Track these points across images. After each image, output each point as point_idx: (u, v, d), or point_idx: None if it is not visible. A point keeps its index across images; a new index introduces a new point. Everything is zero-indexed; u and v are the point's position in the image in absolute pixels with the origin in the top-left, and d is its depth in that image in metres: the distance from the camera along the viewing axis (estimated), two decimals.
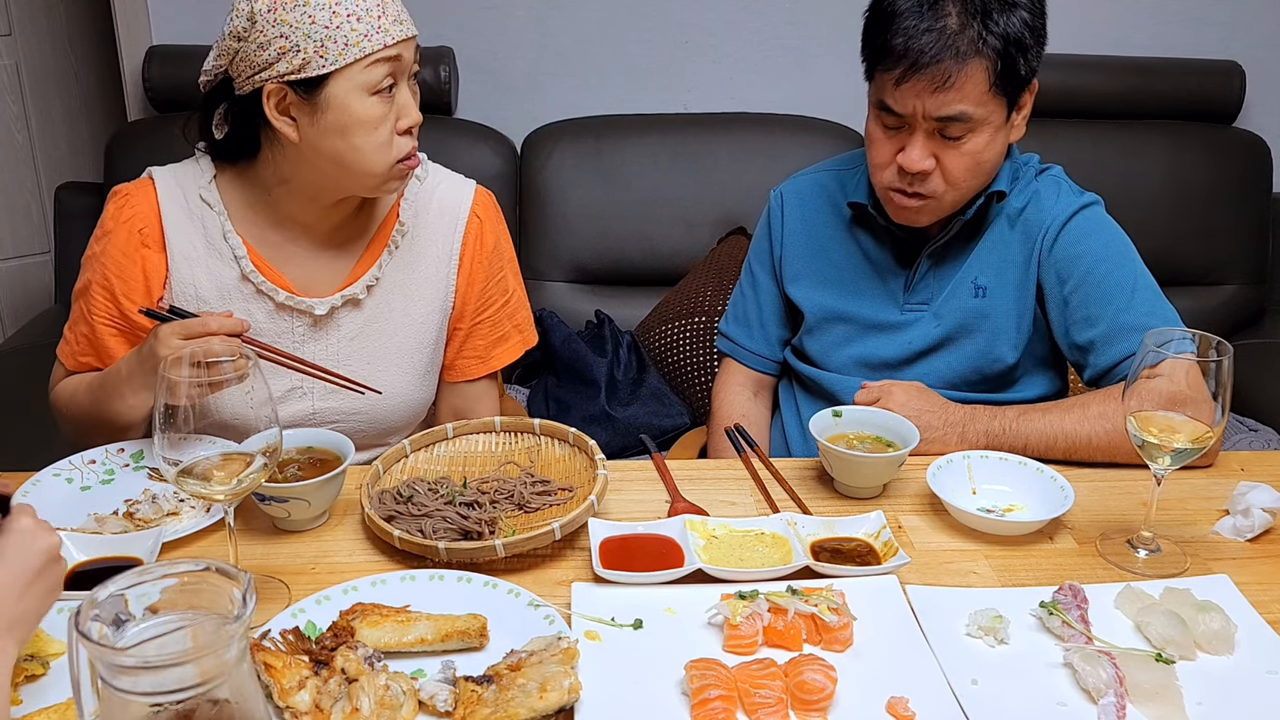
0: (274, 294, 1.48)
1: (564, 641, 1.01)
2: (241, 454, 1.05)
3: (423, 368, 1.58)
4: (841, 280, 1.68)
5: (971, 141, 1.47)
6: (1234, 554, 1.29)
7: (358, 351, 1.53)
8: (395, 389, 1.55)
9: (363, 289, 1.51)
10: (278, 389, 1.50)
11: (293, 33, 1.31)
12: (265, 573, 1.21)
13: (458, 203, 1.58)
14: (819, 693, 1.00)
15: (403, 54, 1.37)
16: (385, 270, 1.53)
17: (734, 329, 1.84)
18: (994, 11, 1.42)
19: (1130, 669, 1.03)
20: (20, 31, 3.14)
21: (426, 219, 1.56)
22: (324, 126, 1.35)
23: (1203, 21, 2.87)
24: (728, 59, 2.84)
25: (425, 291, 1.56)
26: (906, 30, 1.42)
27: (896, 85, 1.45)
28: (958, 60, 1.41)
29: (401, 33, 1.36)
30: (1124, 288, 1.53)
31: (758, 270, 1.80)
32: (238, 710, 0.72)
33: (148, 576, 0.74)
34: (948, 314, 1.62)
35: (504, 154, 2.68)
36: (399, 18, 1.36)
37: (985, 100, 1.45)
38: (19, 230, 3.25)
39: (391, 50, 1.35)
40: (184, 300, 1.48)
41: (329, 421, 1.53)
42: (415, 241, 1.55)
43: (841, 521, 1.29)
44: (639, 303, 2.63)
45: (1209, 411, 1.18)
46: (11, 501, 0.98)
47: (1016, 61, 1.44)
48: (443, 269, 1.57)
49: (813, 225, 1.71)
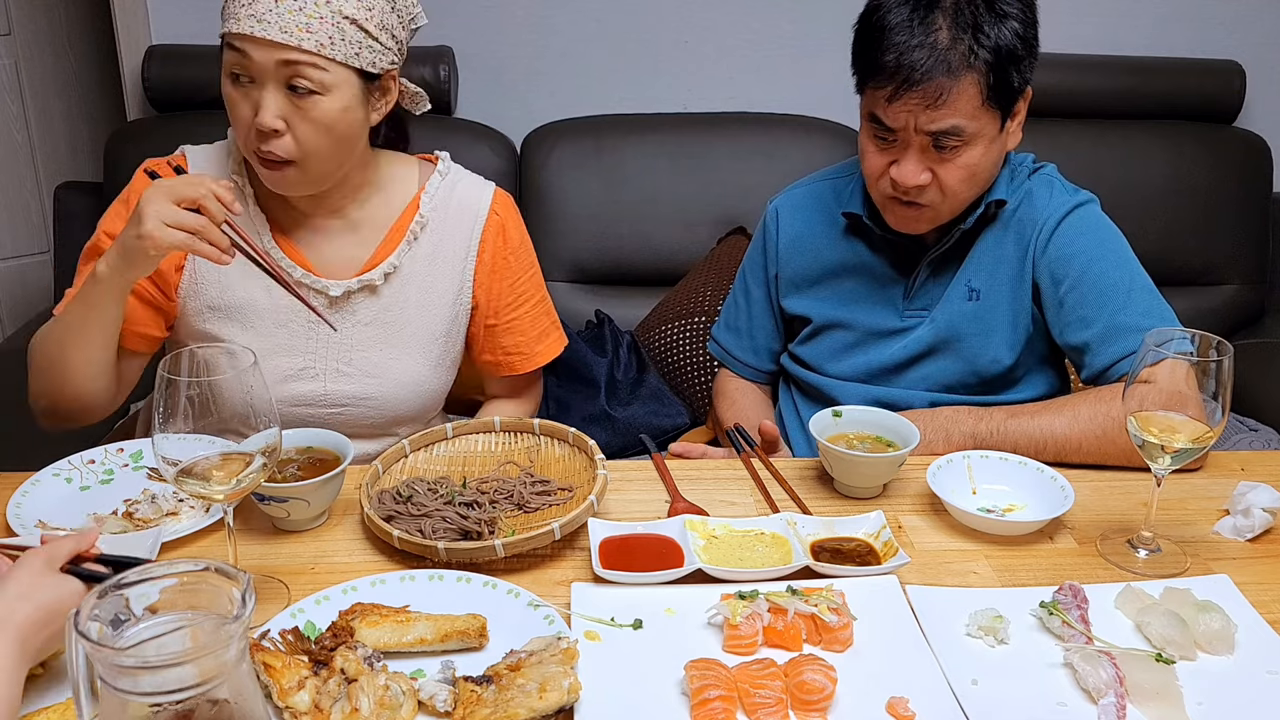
0: (292, 270, 1.50)
1: (564, 641, 1.01)
2: (241, 454, 1.05)
3: (434, 359, 1.60)
4: (840, 289, 1.68)
5: (966, 154, 1.47)
6: (1234, 554, 1.29)
7: (371, 337, 1.55)
8: (405, 377, 1.57)
9: (380, 276, 1.53)
10: (290, 367, 1.53)
11: None
12: (265, 573, 1.21)
13: (478, 200, 1.61)
14: (819, 693, 1.00)
15: (251, 54, 1.35)
16: (404, 260, 1.55)
17: (725, 336, 1.86)
18: (985, 24, 1.41)
19: (1130, 669, 1.03)
20: (20, 31, 3.14)
21: (446, 213, 1.58)
22: None
23: (1203, 21, 2.87)
24: (728, 59, 2.84)
25: (441, 284, 1.58)
26: (898, 46, 1.41)
27: (889, 102, 1.44)
28: (950, 76, 1.40)
29: (249, 28, 1.34)
30: (1120, 287, 1.53)
31: (751, 283, 1.80)
32: (237, 710, 0.72)
33: (147, 576, 0.74)
34: (942, 318, 1.62)
35: (504, 154, 2.67)
36: (261, 16, 1.34)
37: (978, 114, 1.44)
38: (18, 230, 3.25)
39: (239, 43, 1.36)
40: (204, 275, 1.50)
41: (339, 405, 1.54)
42: (434, 234, 1.57)
43: (841, 521, 1.29)
44: (639, 303, 2.63)
45: (1209, 411, 1.18)
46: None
47: (1009, 73, 1.44)
48: (459, 264, 1.59)
49: (810, 236, 1.71)
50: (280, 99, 1.38)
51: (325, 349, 1.53)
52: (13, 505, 1.30)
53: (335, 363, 1.53)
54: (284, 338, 1.52)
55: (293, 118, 1.38)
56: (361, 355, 1.54)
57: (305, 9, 1.35)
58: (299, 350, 1.52)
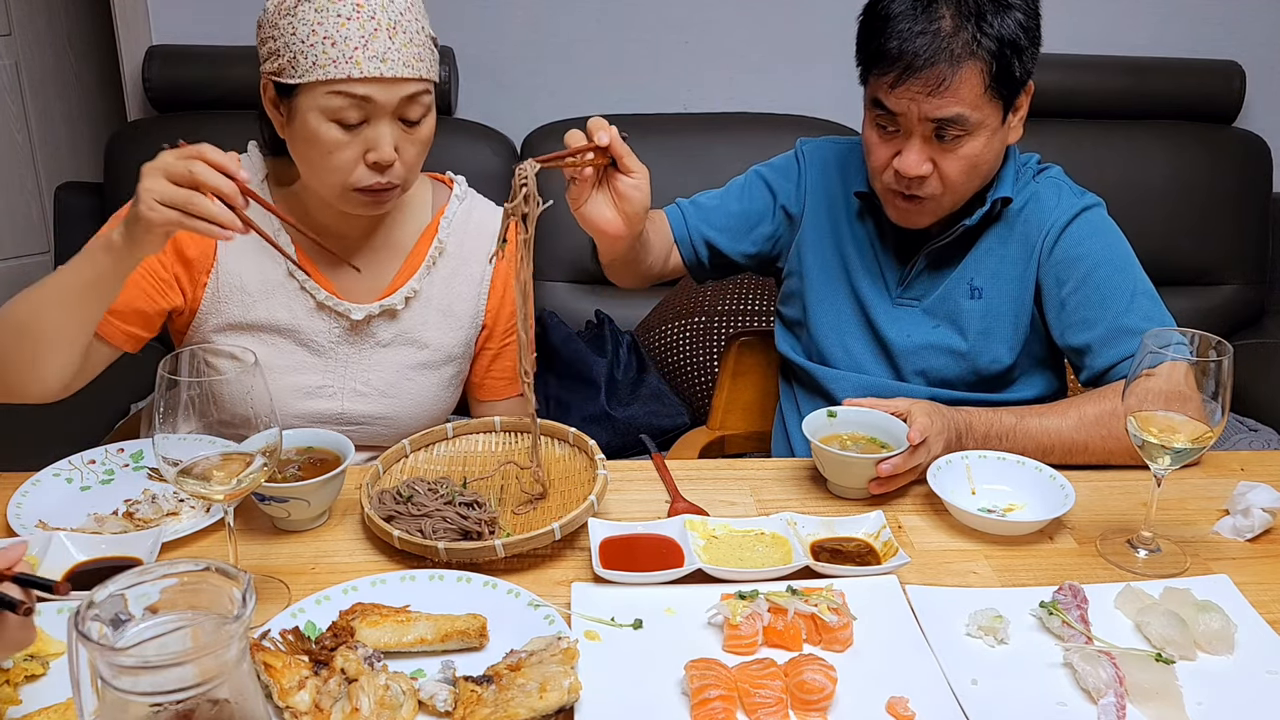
0: (315, 292, 1.50)
1: (564, 641, 1.01)
2: (241, 454, 1.05)
3: (448, 379, 1.61)
4: (848, 255, 1.67)
5: (968, 145, 1.47)
6: (1234, 554, 1.29)
7: (388, 358, 1.55)
8: (420, 397, 1.57)
9: (401, 300, 1.53)
10: (308, 385, 1.52)
11: (280, 36, 1.34)
12: (265, 573, 1.21)
13: (495, 225, 1.60)
14: (819, 693, 1.00)
15: (374, 96, 1.33)
16: (423, 284, 1.55)
17: (687, 204, 1.76)
18: (988, 14, 1.42)
19: (1130, 669, 1.03)
20: (20, 31, 3.15)
21: (464, 237, 1.58)
22: (294, 132, 1.39)
23: (1203, 21, 2.88)
24: (728, 59, 2.84)
25: (458, 308, 1.58)
26: (901, 33, 1.42)
27: (891, 88, 1.45)
28: (952, 63, 1.41)
29: (376, 69, 1.32)
30: (1123, 291, 1.53)
31: (754, 183, 1.74)
32: (237, 710, 0.72)
33: (147, 576, 0.74)
34: (942, 314, 1.62)
35: (504, 154, 2.68)
36: (384, 55, 1.32)
37: (981, 103, 1.45)
38: (19, 230, 3.25)
39: (358, 88, 1.32)
40: (227, 288, 1.48)
41: (354, 423, 1.54)
42: (452, 259, 1.57)
43: (841, 521, 1.29)
44: (639, 303, 2.63)
45: (1208, 412, 1.18)
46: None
47: (1011, 63, 1.44)
48: (475, 287, 1.59)
49: (829, 196, 1.70)
50: (395, 130, 1.37)
51: (344, 369, 1.53)
52: (13, 505, 1.30)
53: (353, 382, 1.54)
54: (304, 356, 1.52)
55: (401, 143, 1.38)
56: (379, 376, 1.55)
57: (414, 40, 1.35)
58: (318, 369, 1.52)
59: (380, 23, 1.32)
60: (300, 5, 1.32)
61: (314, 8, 1.32)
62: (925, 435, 1.36)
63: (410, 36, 1.35)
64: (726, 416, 1.99)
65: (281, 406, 1.48)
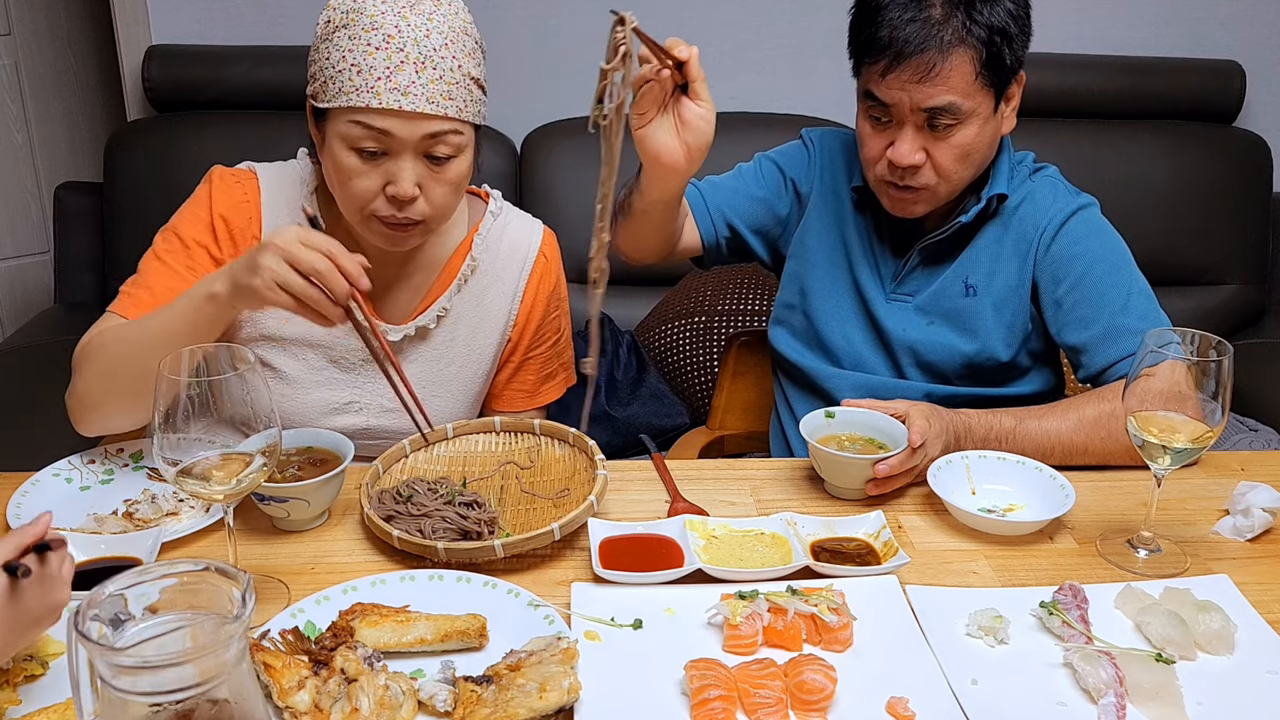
0: (354, 312, 1.47)
1: (564, 641, 1.01)
2: (241, 454, 1.05)
3: (474, 395, 1.61)
4: (850, 243, 1.67)
5: (960, 133, 1.48)
6: (1234, 554, 1.29)
7: (417, 376, 1.53)
8: (446, 413, 1.57)
9: (433, 319, 1.53)
10: (336, 400, 1.52)
11: (318, 60, 1.35)
12: (265, 573, 1.21)
13: (528, 241, 1.60)
14: (819, 693, 1.00)
15: (393, 130, 1.31)
16: (454, 301, 1.55)
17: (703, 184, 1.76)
18: (978, 2, 1.43)
19: (1130, 669, 1.03)
20: (20, 31, 3.14)
21: (497, 254, 1.57)
22: (324, 154, 1.39)
23: (1203, 21, 2.88)
24: (728, 59, 2.84)
25: (488, 324, 1.58)
26: (891, 22, 1.44)
27: (882, 77, 1.46)
28: (942, 51, 1.42)
29: (395, 101, 1.29)
30: (1120, 291, 1.53)
31: (765, 165, 1.75)
32: (237, 710, 0.72)
33: (147, 576, 0.74)
34: (936, 311, 1.62)
35: (504, 154, 2.68)
36: (405, 89, 1.30)
37: (972, 91, 1.46)
38: (18, 230, 3.25)
39: (376, 119, 1.30)
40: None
41: (379, 438, 1.54)
42: (484, 276, 1.57)
43: (841, 521, 1.29)
44: (639, 303, 2.63)
45: (1208, 411, 1.18)
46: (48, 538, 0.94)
47: (1002, 51, 1.45)
48: (505, 304, 1.59)
49: (835, 182, 1.70)
50: (418, 167, 1.35)
51: (372, 385, 1.53)
52: (13, 505, 1.30)
53: (381, 399, 1.53)
54: (333, 372, 1.52)
55: (426, 181, 1.36)
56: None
57: (444, 77, 1.32)
58: (347, 385, 1.52)
59: (409, 55, 1.30)
60: (337, 32, 1.33)
61: (349, 35, 1.31)
62: (925, 438, 1.37)
63: (442, 74, 1.32)
64: (726, 416, 1.99)
65: (308, 420, 1.49)
